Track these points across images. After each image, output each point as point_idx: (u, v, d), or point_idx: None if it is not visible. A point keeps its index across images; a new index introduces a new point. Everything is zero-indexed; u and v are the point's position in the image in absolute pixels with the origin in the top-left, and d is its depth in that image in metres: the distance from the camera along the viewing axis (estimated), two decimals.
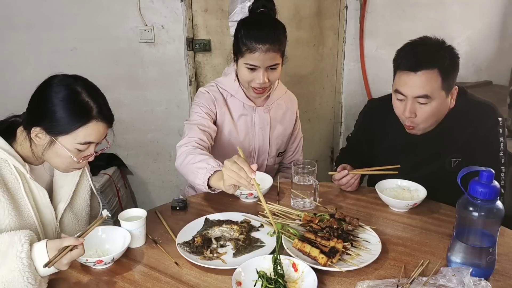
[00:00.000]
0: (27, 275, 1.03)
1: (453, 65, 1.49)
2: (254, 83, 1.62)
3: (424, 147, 1.65)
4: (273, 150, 1.83)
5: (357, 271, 1.16)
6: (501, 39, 2.93)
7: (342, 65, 2.90)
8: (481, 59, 2.93)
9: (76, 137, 1.18)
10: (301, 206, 1.52)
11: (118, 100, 2.73)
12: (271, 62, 1.59)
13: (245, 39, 1.56)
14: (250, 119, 1.76)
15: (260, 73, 1.59)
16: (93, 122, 1.18)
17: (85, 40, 2.64)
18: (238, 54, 1.61)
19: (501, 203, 1.10)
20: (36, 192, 1.25)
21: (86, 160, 1.26)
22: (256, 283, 1.11)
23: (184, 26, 2.64)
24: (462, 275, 1.07)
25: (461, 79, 3.05)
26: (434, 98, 1.47)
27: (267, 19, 1.64)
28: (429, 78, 1.44)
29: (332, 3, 2.79)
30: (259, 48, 1.54)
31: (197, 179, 1.39)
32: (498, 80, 2.90)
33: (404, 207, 1.47)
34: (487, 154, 1.56)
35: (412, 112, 1.50)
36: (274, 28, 1.60)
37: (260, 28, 1.57)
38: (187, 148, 1.53)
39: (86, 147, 1.22)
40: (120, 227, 1.30)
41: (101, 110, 1.20)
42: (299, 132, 1.96)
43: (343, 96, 2.98)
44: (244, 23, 1.62)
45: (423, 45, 1.50)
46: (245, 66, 1.60)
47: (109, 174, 2.68)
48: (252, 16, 1.66)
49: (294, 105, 1.89)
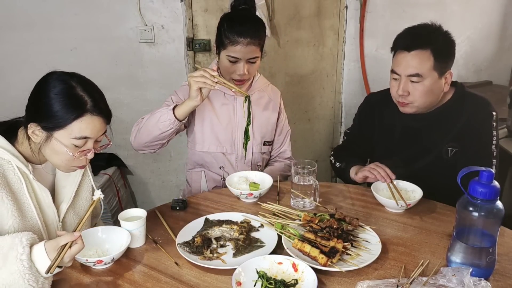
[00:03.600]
0: (27, 277, 1.03)
1: (447, 48, 1.58)
2: (235, 75, 1.71)
3: (422, 136, 1.69)
4: (258, 138, 1.86)
5: (357, 271, 1.16)
6: (501, 39, 2.93)
7: (342, 65, 2.90)
8: (481, 59, 2.94)
9: (71, 131, 1.17)
10: (301, 206, 1.52)
11: (118, 100, 2.73)
12: (251, 55, 1.67)
13: (227, 32, 1.65)
14: (232, 108, 1.82)
15: (240, 65, 1.68)
16: (87, 116, 1.17)
17: (85, 40, 2.64)
18: (220, 47, 1.70)
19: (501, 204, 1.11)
20: (39, 192, 1.25)
21: (85, 157, 1.23)
22: (256, 283, 1.11)
23: (184, 26, 2.64)
24: (462, 275, 1.07)
25: (461, 79, 3.06)
26: (426, 78, 1.55)
27: (248, 15, 1.75)
28: (422, 58, 1.54)
29: (332, 3, 2.79)
30: (241, 42, 1.63)
31: (162, 118, 1.57)
32: (498, 80, 2.91)
33: (398, 208, 1.47)
34: (478, 145, 1.61)
35: (405, 90, 1.58)
36: (255, 23, 1.70)
37: (242, 23, 1.66)
38: (139, 121, 1.69)
39: (83, 143, 1.20)
40: (120, 227, 1.30)
41: (96, 104, 1.19)
42: (285, 124, 1.99)
43: (343, 96, 2.98)
44: (227, 17, 1.72)
45: (420, 28, 1.60)
46: (227, 58, 1.68)
47: (109, 174, 2.68)
48: (234, 11, 1.77)
49: (277, 97, 1.95)
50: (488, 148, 1.60)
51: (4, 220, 1.16)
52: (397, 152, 1.75)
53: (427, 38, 1.55)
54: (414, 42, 1.55)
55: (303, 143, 3.03)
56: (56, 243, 1.07)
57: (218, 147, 1.81)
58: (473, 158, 1.55)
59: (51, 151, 1.20)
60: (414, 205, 1.48)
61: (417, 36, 1.57)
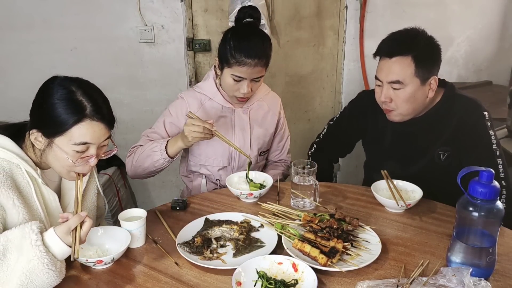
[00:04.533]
0: (46, 262, 1.04)
1: (430, 54, 1.55)
2: (238, 93, 1.67)
3: (412, 141, 1.68)
4: (255, 150, 1.84)
5: (357, 271, 1.16)
6: (501, 39, 2.92)
7: (342, 65, 2.90)
8: (481, 59, 2.93)
9: (71, 137, 1.15)
10: (301, 206, 1.52)
11: (118, 100, 2.73)
12: (257, 75, 1.64)
13: (234, 52, 1.59)
14: (229, 120, 1.78)
15: (245, 84, 1.64)
16: (86, 121, 1.15)
17: (85, 40, 2.64)
18: (224, 63, 1.64)
19: (501, 203, 1.11)
20: (47, 196, 1.24)
21: (87, 163, 1.21)
22: (256, 283, 1.11)
23: (184, 26, 2.64)
24: (462, 275, 1.07)
25: (461, 79, 3.06)
26: (407, 84, 1.53)
27: (256, 32, 1.68)
28: (402, 64, 1.52)
29: (332, 3, 2.79)
30: (248, 63, 1.59)
31: (155, 156, 1.61)
32: (498, 80, 2.90)
33: (398, 208, 1.47)
34: (480, 148, 1.58)
35: (387, 97, 1.57)
36: (262, 42, 1.64)
37: (250, 43, 1.61)
38: (133, 150, 1.72)
39: (84, 149, 1.18)
40: (120, 227, 1.30)
41: (96, 109, 1.16)
42: (285, 131, 1.97)
43: (343, 96, 2.98)
44: (233, 34, 1.65)
45: (402, 33, 1.58)
46: (231, 77, 1.64)
47: (109, 174, 2.68)
48: (240, 27, 1.69)
49: (276, 105, 1.91)
50: (490, 149, 1.57)
51: (16, 225, 1.15)
52: (389, 156, 1.75)
53: (408, 44, 1.52)
54: (395, 48, 1.53)
55: (303, 143, 3.02)
56: (67, 228, 1.08)
57: (215, 161, 1.79)
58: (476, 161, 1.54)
59: (53, 157, 1.20)
60: (414, 205, 1.48)
61: (398, 42, 1.55)
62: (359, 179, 2.42)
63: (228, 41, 1.62)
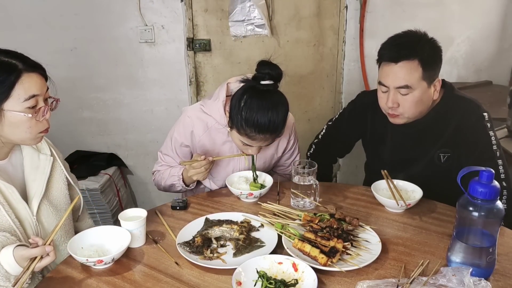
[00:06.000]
0: None
1: (434, 56, 1.54)
2: (246, 151, 1.63)
3: (412, 142, 1.67)
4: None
5: (357, 271, 1.17)
6: (501, 39, 2.93)
7: (342, 65, 2.90)
8: (481, 59, 2.93)
9: (18, 95, 1.16)
10: (301, 206, 1.52)
11: (118, 100, 2.73)
12: (266, 144, 1.57)
13: (245, 125, 1.47)
14: (234, 145, 1.68)
15: (254, 149, 1.60)
16: (25, 75, 1.18)
17: (85, 40, 2.64)
18: (233, 126, 1.53)
19: (502, 204, 1.11)
20: (5, 190, 1.23)
21: (44, 115, 1.22)
22: (256, 283, 1.11)
23: (184, 26, 2.63)
24: (462, 275, 1.07)
25: (461, 79, 3.06)
26: (415, 89, 1.51)
27: (273, 103, 1.48)
28: (409, 69, 1.49)
29: (332, 3, 2.79)
30: (259, 138, 1.50)
31: (177, 186, 1.71)
32: (498, 80, 2.90)
33: (398, 208, 1.47)
34: (480, 149, 1.57)
35: (394, 102, 1.55)
36: (278, 115, 1.46)
37: (264, 118, 1.44)
38: (155, 174, 1.82)
39: (34, 102, 1.19)
40: (120, 227, 1.30)
41: (25, 62, 1.20)
42: (295, 149, 1.87)
43: (343, 96, 2.98)
44: (246, 102, 1.47)
45: (405, 37, 1.55)
46: (240, 140, 1.56)
47: (109, 174, 2.68)
48: (256, 94, 1.48)
49: (288, 129, 1.75)
50: (490, 151, 1.56)
51: None
52: (389, 157, 1.75)
53: (413, 48, 1.50)
54: (401, 52, 1.49)
55: (303, 143, 3.00)
56: (27, 254, 1.10)
57: (218, 182, 1.76)
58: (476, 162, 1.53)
59: (9, 126, 1.19)
60: (414, 205, 1.48)
61: (403, 46, 1.51)
62: (359, 179, 2.42)
63: (241, 109, 1.47)
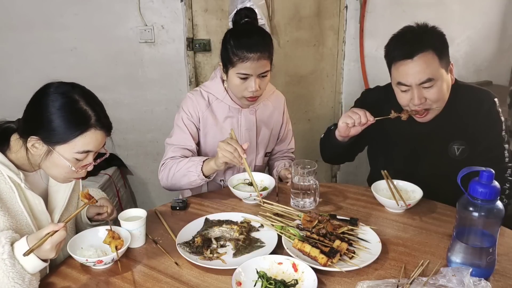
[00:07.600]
0: (12, 276, 1.03)
1: (443, 42, 1.53)
2: (247, 92, 1.64)
3: (425, 137, 1.64)
4: (261, 151, 1.85)
5: (357, 271, 1.16)
6: (501, 39, 2.92)
7: (342, 65, 2.90)
8: (481, 59, 2.93)
9: (74, 146, 1.16)
10: (301, 206, 1.52)
11: (118, 100, 2.73)
12: (262, 70, 1.61)
13: (235, 49, 1.58)
14: (236, 121, 1.77)
15: (252, 81, 1.61)
16: (91, 131, 1.17)
17: (85, 40, 2.64)
18: (228, 65, 1.63)
19: (501, 203, 1.10)
20: (32, 200, 1.23)
21: (85, 170, 1.23)
22: (256, 283, 1.11)
23: (184, 26, 2.64)
24: (462, 275, 1.07)
25: (461, 79, 3.00)
26: (438, 79, 1.49)
27: (254, 28, 1.67)
28: (427, 60, 1.47)
29: (332, 3, 2.79)
30: (251, 57, 1.57)
31: (192, 176, 1.60)
32: (498, 80, 2.90)
33: (398, 208, 1.47)
34: (492, 135, 1.57)
35: (421, 98, 1.51)
36: (263, 36, 1.63)
37: (250, 37, 1.60)
38: (167, 164, 1.69)
39: (84, 156, 1.20)
40: (120, 227, 1.30)
41: (99, 118, 1.18)
42: (288, 128, 1.97)
43: (343, 96, 2.98)
44: (232, 33, 1.64)
45: (410, 32, 1.53)
46: (237, 76, 1.62)
47: (109, 174, 2.68)
48: (238, 27, 1.68)
49: (281, 104, 1.91)
50: (500, 136, 1.56)
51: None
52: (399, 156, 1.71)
53: (423, 39, 1.48)
54: (414, 46, 1.47)
55: (303, 143, 3.03)
56: (39, 234, 1.07)
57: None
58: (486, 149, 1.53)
59: (51, 163, 1.19)
60: (414, 205, 1.48)
61: (413, 40, 1.49)
62: (359, 179, 2.42)
63: (228, 41, 1.62)
